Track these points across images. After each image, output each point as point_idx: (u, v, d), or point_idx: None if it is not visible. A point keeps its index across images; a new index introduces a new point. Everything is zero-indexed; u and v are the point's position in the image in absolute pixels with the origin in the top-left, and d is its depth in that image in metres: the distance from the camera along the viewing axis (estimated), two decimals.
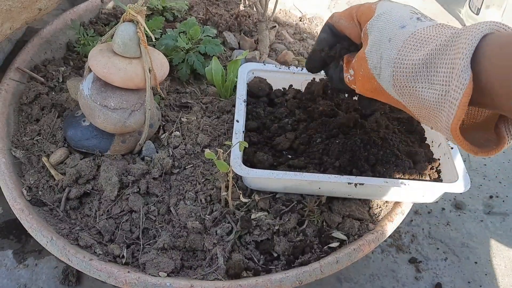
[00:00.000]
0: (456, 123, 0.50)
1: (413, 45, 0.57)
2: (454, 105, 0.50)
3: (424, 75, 0.54)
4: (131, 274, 0.72)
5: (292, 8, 1.35)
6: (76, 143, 0.88)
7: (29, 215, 0.78)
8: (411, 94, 0.57)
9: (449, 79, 0.51)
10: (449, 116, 0.51)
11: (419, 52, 0.56)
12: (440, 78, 0.52)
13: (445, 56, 0.52)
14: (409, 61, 0.56)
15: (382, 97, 0.66)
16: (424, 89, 0.55)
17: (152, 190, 0.85)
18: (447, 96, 0.51)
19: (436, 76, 0.53)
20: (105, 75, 0.77)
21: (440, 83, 0.52)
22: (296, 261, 0.78)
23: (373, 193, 0.83)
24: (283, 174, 0.77)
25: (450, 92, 0.50)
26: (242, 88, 0.91)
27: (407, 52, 0.57)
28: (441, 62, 0.52)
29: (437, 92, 0.53)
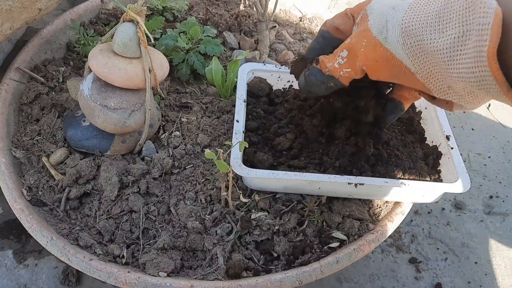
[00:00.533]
0: (494, 47, 0.46)
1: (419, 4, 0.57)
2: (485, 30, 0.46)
3: (435, 26, 0.53)
4: (131, 274, 0.72)
5: (292, 8, 1.35)
6: (76, 143, 0.88)
7: (29, 215, 0.78)
8: (422, 50, 0.56)
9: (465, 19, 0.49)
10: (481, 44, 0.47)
11: (429, 6, 0.55)
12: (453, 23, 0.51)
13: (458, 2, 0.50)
14: (419, 16, 0.56)
15: (388, 65, 0.64)
16: (435, 40, 0.53)
17: (152, 190, 0.85)
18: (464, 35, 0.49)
19: (449, 23, 0.52)
20: (105, 75, 0.77)
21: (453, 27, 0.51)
22: (296, 261, 0.78)
23: (373, 193, 0.83)
24: (283, 174, 0.77)
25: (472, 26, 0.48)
26: (242, 88, 0.91)
27: (416, 9, 0.57)
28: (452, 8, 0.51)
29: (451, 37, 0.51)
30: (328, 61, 0.69)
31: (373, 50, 0.63)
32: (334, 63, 0.68)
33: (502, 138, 1.45)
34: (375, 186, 0.78)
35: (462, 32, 0.50)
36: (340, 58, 0.67)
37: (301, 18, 1.35)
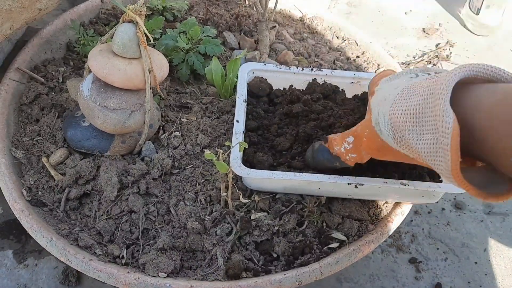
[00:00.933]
0: (455, 168, 0.49)
1: (403, 97, 0.58)
2: (446, 151, 0.49)
3: (414, 127, 0.55)
4: (130, 275, 0.72)
5: (292, 8, 1.35)
6: (76, 143, 0.88)
7: (29, 216, 0.78)
8: (409, 147, 0.58)
9: (435, 126, 0.51)
10: (446, 163, 0.50)
11: (409, 102, 0.56)
12: (428, 127, 0.53)
13: (428, 106, 0.52)
14: (401, 113, 0.57)
15: (390, 154, 0.66)
16: (416, 140, 0.55)
17: (151, 190, 0.85)
18: (438, 143, 0.51)
19: (425, 126, 0.53)
20: (104, 76, 0.77)
21: (429, 132, 0.52)
22: (296, 262, 0.78)
23: (373, 193, 0.83)
24: (282, 174, 0.77)
25: (440, 139, 0.50)
26: (243, 88, 0.91)
27: (399, 105, 0.58)
28: (426, 112, 0.53)
29: (428, 142, 0.53)
30: (336, 143, 0.73)
31: (373, 141, 0.66)
32: (341, 147, 0.72)
33: None
34: (374, 187, 0.78)
35: (436, 139, 0.51)
36: (346, 143, 0.71)
37: (301, 18, 1.34)
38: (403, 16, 1.77)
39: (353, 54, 1.24)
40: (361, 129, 0.68)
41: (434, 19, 1.75)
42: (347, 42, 1.27)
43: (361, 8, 1.79)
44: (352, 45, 1.26)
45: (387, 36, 1.67)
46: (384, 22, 1.73)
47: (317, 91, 0.94)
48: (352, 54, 1.24)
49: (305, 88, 0.97)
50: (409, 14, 1.77)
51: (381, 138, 0.64)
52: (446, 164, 0.50)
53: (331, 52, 1.23)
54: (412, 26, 1.72)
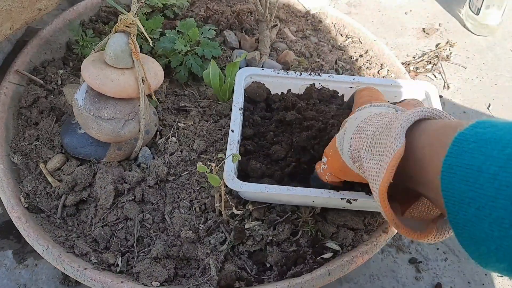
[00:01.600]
0: (384, 185, 0.52)
1: (369, 122, 0.61)
2: (383, 168, 0.52)
3: (369, 148, 0.58)
4: (124, 284, 0.73)
5: (296, 3, 1.32)
6: (72, 150, 0.88)
7: (26, 223, 0.79)
8: (361, 167, 0.60)
9: (384, 149, 0.54)
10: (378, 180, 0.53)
11: (370, 128, 0.60)
12: (379, 149, 0.55)
13: (386, 131, 0.55)
14: (361, 136, 0.60)
15: (348, 174, 0.69)
16: (368, 160, 0.58)
17: (147, 198, 0.86)
18: (381, 163, 0.54)
19: (378, 148, 0.56)
20: (97, 87, 0.77)
21: (379, 153, 0.55)
22: (289, 273, 0.78)
23: (367, 206, 0.82)
24: (276, 189, 0.77)
25: (384, 159, 0.53)
26: (239, 95, 0.90)
27: (362, 128, 0.61)
28: (382, 136, 0.56)
29: (376, 163, 0.55)
30: (318, 167, 0.76)
31: (336, 160, 0.69)
32: (320, 169, 0.75)
33: None
34: (368, 201, 0.78)
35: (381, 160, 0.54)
36: (323, 164, 0.74)
37: (305, 13, 1.32)
38: (403, 16, 1.74)
39: (356, 53, 1.22)
40: (328, 149, 0.72)
41: (434, 19, 1.73)
42: (350, 40, 1.25)
43: (361, 8, 1.76)
44: (355, 43, 1.24)
45: (387, 36, 1.65)
46: (384, 22, 1.71)
47: (314, 96, 0.93)
48: (355, 53, 1.22)
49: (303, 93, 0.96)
50: (409, 14, 1.74)
51: (342, 158, 0.66)
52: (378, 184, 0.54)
53: (334, 51, 1.21)
54: (412, 26, 1.70)
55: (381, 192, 0.53)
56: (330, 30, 1.29)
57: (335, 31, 1.28)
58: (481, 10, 1.56)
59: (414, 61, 1.51)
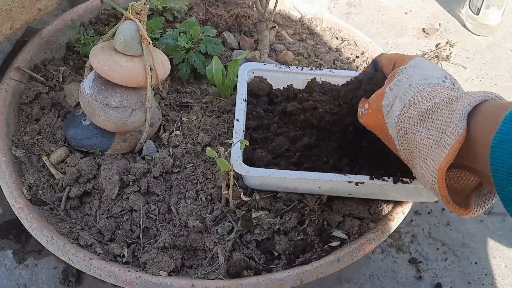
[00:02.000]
0: (445, 165, 0.55)
1: (426, 95, 0.62)
2: (446, 149, 0.55)
3: (424, 121, 0.60)
4: (131, 273, 0.71)
5: (292, 8, 1.35)
6: (76, 142, 0.87)
7: (29, 214, 0.78)
8: (408, 137, 0.63)
9: (445, 127, 0.56)
10: (439, 159, 0.55)
11: (427, 102, 0.61)
12: (437, 125, 0.58)
13: (446, 108, 0.57)
14: (416, 107, 0.62)
15: (381, 134, 0.71)
16: (421, 133, 0.60)
17: (152, 189, 0.85)
18: (441, 141, 0.56)
19: (435, 123, 0.58)
20: (106, 73, 0.77)
21: (437, 129, 0.58)
22: (297, 260, 0.77)
23: (373, 192, 0.83)
24: (283, 173, 0.77)
25: (444, 138, 0.55)
26: (242, 87, 0.91)
27: (418, 100, 0.63)
28: (441, 113, 0.58)
29: (432, 138, 0.58)
30: (361, 106, 0.75)
31: (376, 117, 0.70)
32: (361, 109, 0.75)
33: None
34: (375, 185, 0.78)
35: (439, 137, 0.57)
36: (363, 109, 0.74)
37: (301, 18, 1.35)
38: (403, 16, 1.77)
39: (353, 55, 1.24)
40: (373, 101, 0.71)
41: (434, 19, 1.76)
42: (346, 43, 1.27)
43: (361, 8, 1.79)
44: (351, 46, 1.26)
45: (387, 36, 1.67)
46: (384, 22, 1.73)
47: (316, 90, 0.94)
48: (351, 55, 1.24)
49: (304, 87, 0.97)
50: (409, 14, 1.77)
51: (384, 118, 0.67)
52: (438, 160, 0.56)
53: (331, 53, 1.23)
54: (412, 26, 1.72)
55: (440, 171, 0.55)
56: (325, 33, 1.31)
57: (331, 35, 1.30)
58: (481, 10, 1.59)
59: None
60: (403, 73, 0.69)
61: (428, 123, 0.59)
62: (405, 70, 0.69)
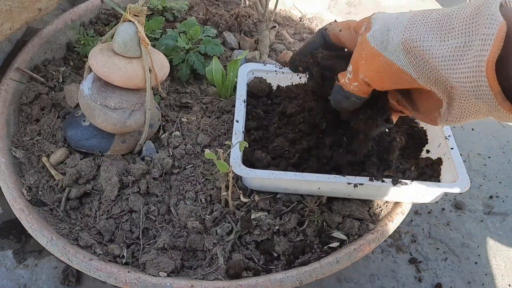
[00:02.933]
0: (493, 56, 0.48)
1: (422, 14, 0.58)
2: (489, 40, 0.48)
3: (436, 34, 0.55)
4: (131, 274, 0.72)
5: (292, 8, 1.35)
6: (76, 143, 0.88)
7: (29, 215, 0.78)
8: (422, 57, 0.56)
9: (469, 30, 0.51)
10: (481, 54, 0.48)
11: (431, 15, 0.56)
12: (455, 33, 0.52)
13: (462, 13, 0.52)
14: (421, 23, 0.57)
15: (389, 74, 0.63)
16: (434, 47, 0.54)
17: (152, 190, 0.85)
18: (465, 47, 0.51)
19: (451, 33, 0.53)
20: (105, 74, 0.77)
21: (456, 37, 0.52)
22: (296, 261, 0.77)
23: (372, 193, 0.83)
24: (282, 174, 0.77)
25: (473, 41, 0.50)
26: (242, 88, 0.91)
27: (419, 17, 0.58)
28: (456, 20, 0.53)
29: (451, 47, 0.52)
30: (341, 77, 0.70)
31: (372, 61, 0.63)
32: (345, 78, 0.69)
33: (502, 138, 1.45)
34: (374, 186, 0.78)
35: (464, 42, 0.51)
36: (348, 73, 0.68)
37: (301, 18, 1.35)
38: None
39: None
40: (358, 53, 0.66)
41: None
42: None
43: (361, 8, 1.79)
44: None
45: None
46: None
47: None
48: None
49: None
50: None
51: (383, 56, 0.62)
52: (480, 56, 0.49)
53: None
54: None
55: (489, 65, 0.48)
56: None
57: None
58: None
59: None
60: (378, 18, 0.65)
61: (442, 34, 0.54)
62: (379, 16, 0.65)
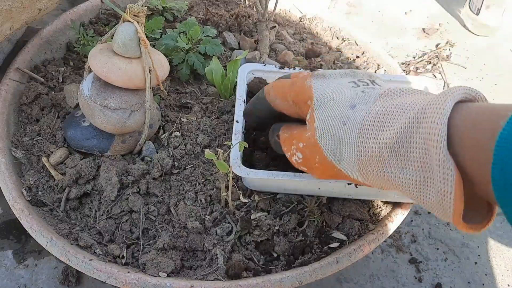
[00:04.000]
0: (458, 217, 0.45)
1: (373, 125, 0.54)
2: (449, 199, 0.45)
3: (392, 160, 0.51)
4: (131, 274, 0.72)
5: (292, 8, 1.35)
6: (76, 143, 0.88)
7: (29, 215, 0.78)
8: (381, 178, 0.54)
9: (424, 164, 0.47)
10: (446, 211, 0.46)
11: (383, 133, 0.52)
12: (413, 162, 0.48)
13: (415, 138, 0.48)
14: (373, 145, 0.53)
15: (346, 179, 0.63)
16: (394, 173, 0.51)
17: (152, 190, 0.85)
18: (427, 182, 0.47)
19: (408, 161, 0.49)
20: (104, 75, 0.77)
21: (414, 167, 0.48)
22: (296, 262, 0.77)
23: (373, 193, 0.83)
24: (282, 175, 0.77)
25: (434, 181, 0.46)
26: (242, 88, 0.91)
27: (369, 135, 0.54)
28: (411, 146, 0.48)
29: (412, 178, 0.49)
30: (286, 149, 0.69)
31: (328, 169, 0.62)
32: (291, 156, 0.68)
33: None
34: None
35: (424, 178, 0.48)
36: (296, 157, 0.67)
37: (301, 18, 1.35)
38: (403, 16, 1.77)
39: (353, 54, 1.24)
40: (310, 153, 0.63)
41: (434, 19, 1.76)
42: (347, 43, 1.27)
43: (361, 8, 1.79)
44: (352, 46, 1.26)
45: (387, 36, 1.67)
46: (384, 22, 1.74)
47: None
48: (352, 54, 1.24)
49: None
50: (409, 14, 1.77)
51: (337, 168, 0.60)
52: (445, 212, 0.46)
53: (331, 53, 1.23)
54: (412, 26, 1.72)
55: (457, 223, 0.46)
56: (326, 33, 1.31)
57: (331, 34, 1.30)
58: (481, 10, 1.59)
59: (414, 61, 1.53)
60: (321, 115, 0.60)
61: (398, 162, 0.50)
62: (321, 110, 0.60)
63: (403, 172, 0.50)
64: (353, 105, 0.57)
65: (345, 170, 0.59)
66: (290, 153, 0.67)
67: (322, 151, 0.60)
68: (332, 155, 0.59)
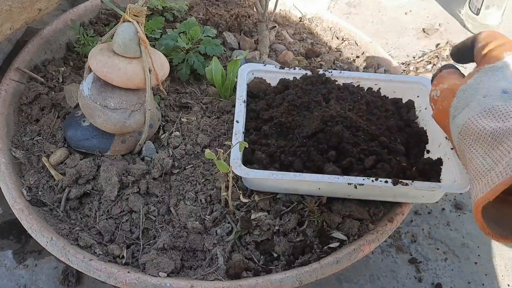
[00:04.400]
0: (481, 202, 0.51)
1: (496, 113, 0.58)
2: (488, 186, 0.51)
3: (486, 144, 0.56)
4: (131, 274, 0.72)
5: (292, 8, 1.35)
6: (76, 143, 0.88)
7: (29, 215, 0.78)
8: (466, 150, 0.59)
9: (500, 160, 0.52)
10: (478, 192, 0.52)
11: (496, 123, 0.56)
12: (494, 154, 0.54)
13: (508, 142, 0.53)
14: (482, 124, 0.58)
15: (444, 130, 0.68)
16: (477, 154, 0.57)
17: (152, 190, 0.85)
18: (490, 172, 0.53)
19: (493, 151, 0.54)
20: (104, 75, 0.77)
21: (492, 158, 0.54)
22: (296, 261, 0.77)
23: (373, 193, 0.83)
24: (282, 175, 0.77)
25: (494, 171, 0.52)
26: (242, 88, 0.91)
27: (488, 116, 0.58)
28: (504, 142, 0.53)
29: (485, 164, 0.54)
30: (436, 83, 0.72)
31: (443, 116, 0.67)
32: (434, 93, 0.71)
33: None
34: (375, 187, 0.78)
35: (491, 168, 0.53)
36: (435, 94, 0.71)
37: (301, 18, 1.35)
38: (403, 16, 1.77)
39: (353, 54, 1.24)
40: (445, 94, 0.68)
41: (434, 19, 1.76)
42: (347, 43, 1.27)
43: (361, 8, 1.79)
44: (352, 46, 1.26)
45: (387, 36, 1.67)
46: (384, 22, 1.74)
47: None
48: (351, 54, 1.24)
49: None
50: (409, 14, 1.77)
51: (449, 121, 0.65)
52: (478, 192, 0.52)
53: (331, 53, 1.23)
54: (412, 26, 1.72)
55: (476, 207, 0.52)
56: (326, 33, 1.31)
57: (331, 34, 1.30)
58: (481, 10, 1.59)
59: (414, 61, 1.53)
60: (485, 75, 0.64)
61: (488, 148, 0.55)
62: (488, 72, 0.64)
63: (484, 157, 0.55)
64: (506, 91, 0.60)
65: (451, 127, 0.64)
66: (436, 87, 0.71)
67: (452, 101, 0.65)
68: (454, 108, 0.64)
